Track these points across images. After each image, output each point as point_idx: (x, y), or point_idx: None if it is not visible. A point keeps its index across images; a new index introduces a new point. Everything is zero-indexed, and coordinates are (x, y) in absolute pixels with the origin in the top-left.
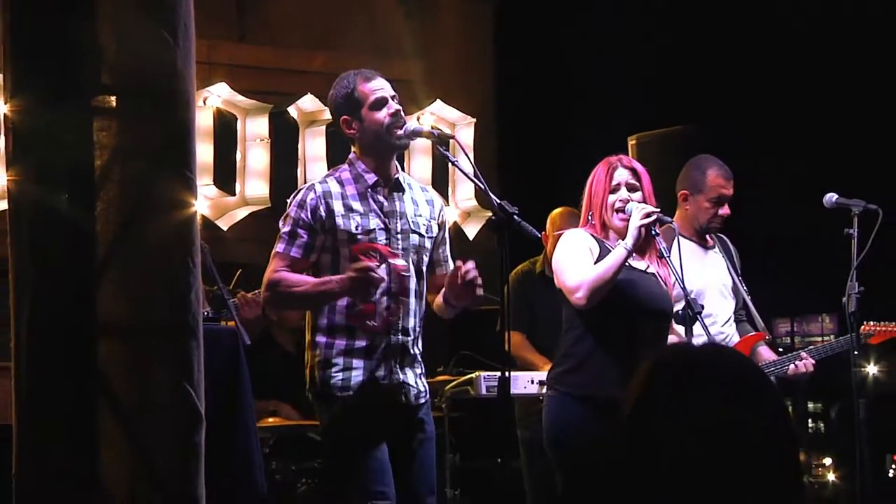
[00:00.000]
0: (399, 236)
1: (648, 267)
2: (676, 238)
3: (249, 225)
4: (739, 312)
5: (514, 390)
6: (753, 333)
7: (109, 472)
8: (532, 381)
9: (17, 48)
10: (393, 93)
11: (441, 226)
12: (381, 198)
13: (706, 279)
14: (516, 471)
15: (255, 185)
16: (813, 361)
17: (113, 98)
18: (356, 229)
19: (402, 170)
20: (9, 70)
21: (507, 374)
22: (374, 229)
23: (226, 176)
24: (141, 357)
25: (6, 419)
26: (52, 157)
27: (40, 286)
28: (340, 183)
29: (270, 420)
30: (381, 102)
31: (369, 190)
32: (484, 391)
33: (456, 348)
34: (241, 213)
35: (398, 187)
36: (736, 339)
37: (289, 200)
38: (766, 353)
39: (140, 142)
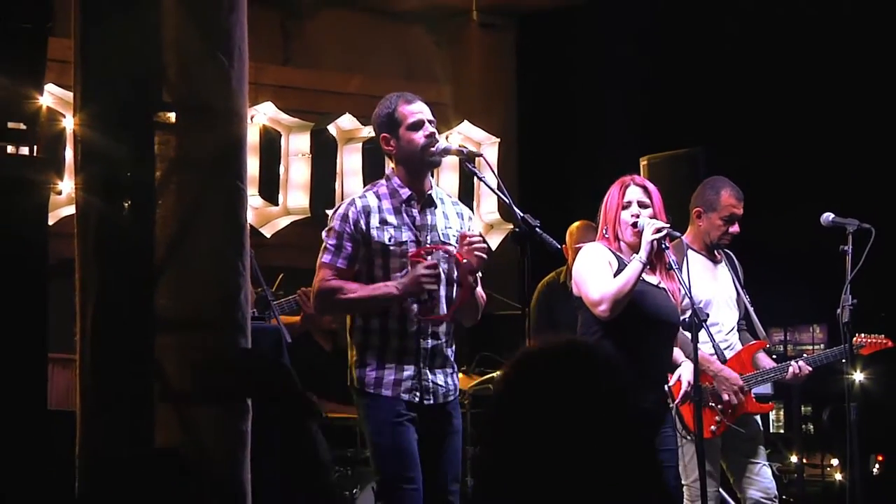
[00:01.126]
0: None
1: (660, 282)
2: (686, 252)
3: (290, 233)
4: (741, 322)
5: None
6: (755, 342)
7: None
8: None
9: (86, 67)
10: (431, 117)
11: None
12: (414, 212)
13: (715, 291)
14: None
15: (296, 196)
16: (809, 368)
17: (172, 114)
18: (389, 241)
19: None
20: (78, 87)
21: None
22: (406, 241)
23: (270, 187)
24: (194, 350)
25: (69, 406)
26: (116, 167)
27: (104, 285)
28: (378, 197)
29: None
30: (418, 125)
31: (404, 204)
32: None
33: (477, 349)
34: (283, 221)
35: (431, 202)
36: (739, 346)
37: (331, 213)
38: (764, 360)
39: (196, 154)
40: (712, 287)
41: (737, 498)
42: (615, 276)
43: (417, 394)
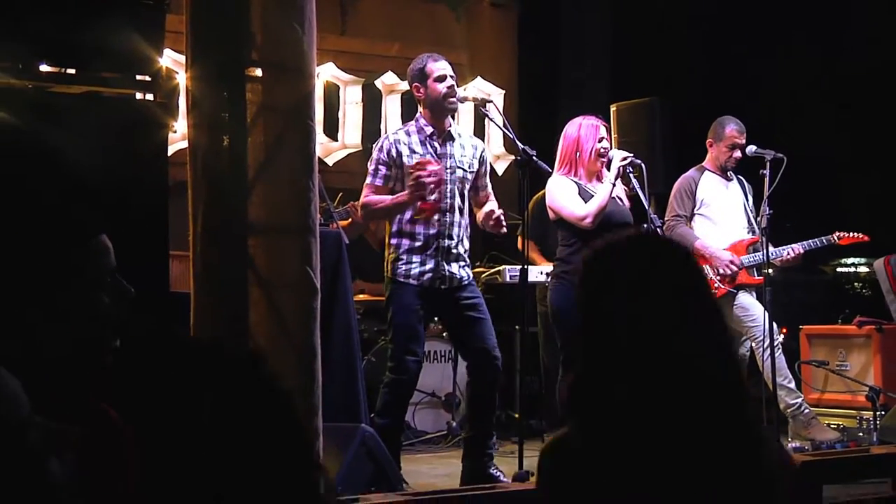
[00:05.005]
0: (447, 171)
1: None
2: (703, 172)
3: (347, 162)
4: (750, 226)
5: (529, 279)
6: (751, 237)
7: (255, 327)
8: (541, 273)
9: (195, 36)
10: (452, 73)
11: (482, 163)
12: (436, 144)
13: (730, 203)
14: (529, 335)
15: (351, 134)
16: (801, 250)
17: (259, 70)
18: (414, 165)
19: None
20: (188, 51)
21: (525, 267)
22: (428, 166)
23: (332, 127)
24: (277, 248)
25: (186, 289)
26: (217, 110)
27: (209, 199)
28: (408, 133)
29: (361, 295)
30: (441, 78)
31: (428, 138)
32: (508, 279)
33: (487, 249)
34: (341, 153)
35: (450, 137)
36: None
37: (373, 146)
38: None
39: (278, 100)
40: (728, 199)
41: None
42: (579, 195)
43: (437, 281)
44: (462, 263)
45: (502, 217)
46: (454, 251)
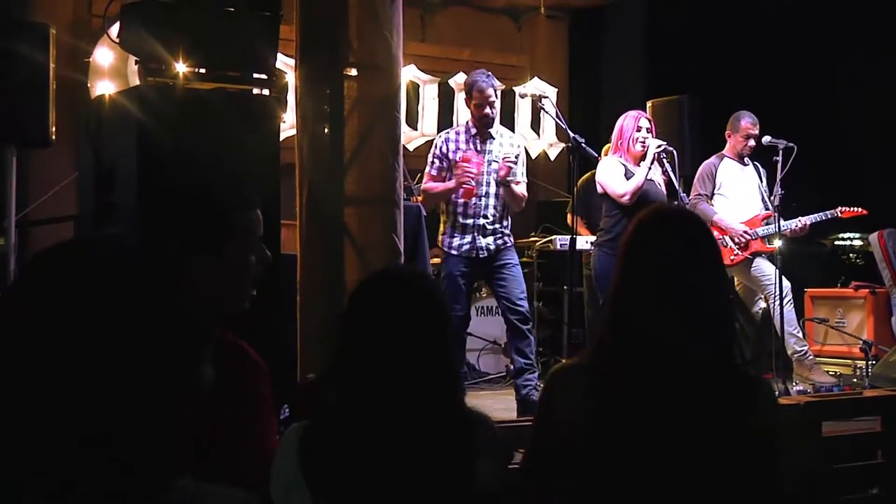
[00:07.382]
0: (485, 164)
1: (648, 174)
2: (723, 158)
3: (424, 148)
4: (765, 207)
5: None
6: (764, 213)
7: (350, 283)
8: (587, 242)
9: (302, 42)
10: (493, 99)
11: (517, 157)
12: (478, 142)
13: (746, 184)
14: (576, 294)
15: (428, 125)
16: (809, 222)
17: (354, 70)
18: (459, 159)
19: (513, 119)
20: (297, 55)
21: (573, 237)
22: (471, 160)
23: (412, 119)
24: (368, 217)
25: (293, 251)
26: (320, 103)
27: (313, 177)
28: (457, 133)
29: (435, 259)
30: (480, 106)
31: (472, 138)
32: (558, 246)
33: (541, 222)
34: (420, 141)
35: (490, 137)
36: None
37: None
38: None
39: (370, 95)
40: (743, 181)
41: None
42: (625, 175)
43: (473, 252)
44: (497, 237)
45: (504, 165)
46: (489, 228)
